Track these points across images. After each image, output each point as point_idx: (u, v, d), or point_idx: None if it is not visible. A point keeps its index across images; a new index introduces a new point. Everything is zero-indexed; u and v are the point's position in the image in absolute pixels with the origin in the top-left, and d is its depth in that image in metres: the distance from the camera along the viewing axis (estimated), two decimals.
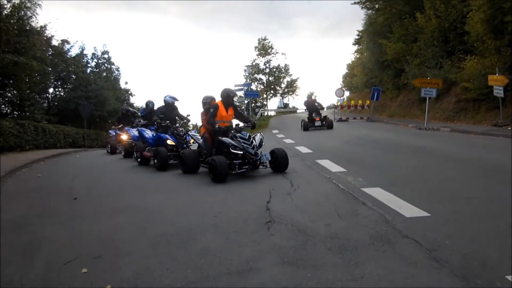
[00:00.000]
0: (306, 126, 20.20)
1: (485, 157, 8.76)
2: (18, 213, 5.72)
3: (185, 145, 10.08)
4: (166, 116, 10.50)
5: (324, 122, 20.30)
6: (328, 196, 5.61)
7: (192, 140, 10.60)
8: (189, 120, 11.59)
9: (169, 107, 10.80)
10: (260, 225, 4.32)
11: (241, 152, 7.59)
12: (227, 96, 8.37)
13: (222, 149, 7.82)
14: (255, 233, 4.08)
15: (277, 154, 7.85)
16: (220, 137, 7.80)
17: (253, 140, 7.88)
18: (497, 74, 15.12)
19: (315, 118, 20.39)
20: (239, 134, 7.84)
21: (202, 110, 9.27)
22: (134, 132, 12.52)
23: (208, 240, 3.93)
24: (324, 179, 6.92)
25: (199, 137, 9.16)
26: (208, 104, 8.92)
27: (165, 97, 10.92)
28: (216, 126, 7.90)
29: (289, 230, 4.12)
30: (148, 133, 10.84)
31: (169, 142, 10.00)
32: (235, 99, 9.05)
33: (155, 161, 9.62)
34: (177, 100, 10.98)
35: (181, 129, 10.40)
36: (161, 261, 3.49)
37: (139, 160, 10.90)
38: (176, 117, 10.87)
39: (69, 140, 23.20)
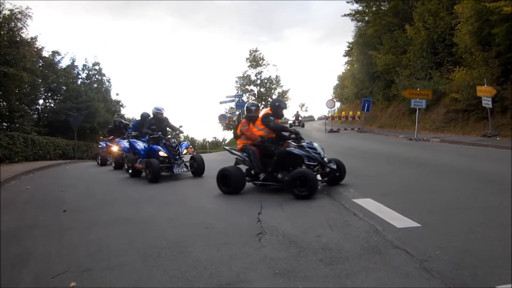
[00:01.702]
0: (290, 125, 31.13)
1: (475, 167, 8.83)
2: (7, 226, 5.63)
3: (177, 157, 9.97)
4: (156, 127, 10.29)
5: (300, 124, 36.51)
6: (320, 207, 5.60)
7: (184, 151, 10.46)
8: (181, 132, 11.41)
9: (157, 118, 10.53)
10: (252, 237, 4.30)
11: (316, 163, 6.76)
12: (279, 107, 7.60)
13: (293, 161, 6.81)
14: (246, 244, 4.06)
15: (339, 165, 7.16)
16: (289, 149, 6.88)
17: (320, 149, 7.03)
18: (485, 85, 15.35)
19: (295, 121, 37.51)
20: (305, 143, 6.98)
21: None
22: (125, 143, 12.40)
23: (199, 252, 3.90)
24: None
25: (237, 152, 7.63)
26: (254, 112, 7.83)
27: (152, 109, 10.74)
28: (293, 129, 7.25)
29: (281, 241, 4.10)
30: (140, 145, 10.70)
31: (161, 153, 9.82)
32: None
33: (147, 173, 9.47)
34: (162, 110, 10.65)
35: (173, 141, 10.24)
36: (152, 273, 3.45)
37: (130, 172, 10.79)
38: (168, 128, 10.75)
39: (59, 152, 23.00)
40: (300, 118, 40.21)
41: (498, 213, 4.81)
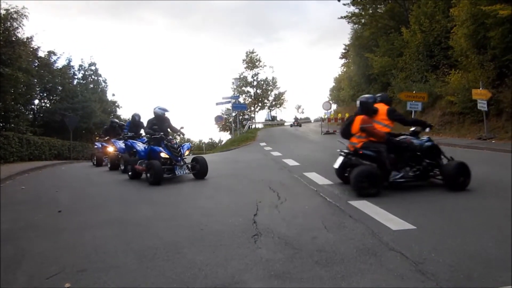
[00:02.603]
0: (292, 125, 44.71)
1: (470, 169, 8.83)
2: (1, 226, 5.59)
3: (179, 158, 9.57)
4: (158, 128, 9.78)
5: (298, 124, 44.20)
6: (315, 208, 5.61)
7: (187, 152, 10.05)
8: (183, 134, 10.77)
9: (160, 118, 10.07)
10: (247, 238, 4.30)
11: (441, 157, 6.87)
12: (390, 101, 7.67)
13: (431, 156, 6.90)
14: (242, 246, 4.06)
15: None
16: (429, 143, 7.00)
17: None
18: (480, 88, 15.40)
19: (295, 122, 46.10)
20: (425, 138, 7.09)
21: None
22: (121, 144, 12.28)
23: (194, 254, 3.89)
24: (311, 191, 6.93)
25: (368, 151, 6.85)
26: (372, 106, 7.29)
27: (154, 108, 10.21)
28: (428, 123, 7.28)
29: (276, 243, 4.10)
30: (140, 146, 10.37)
31: (163, 155, 9.38)
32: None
33: (148, 175, 9.03)
34: (167, 111, 10.25)
35: (175, 142, 9.84)
36: (147, 274, 3.44)
37: (130, 173, 10.30)
38: (169, 129, 10.24)
39: (54, 152, 22.87)
40: (298, 120, 48.49)
41: (493, 215, 4.84)
